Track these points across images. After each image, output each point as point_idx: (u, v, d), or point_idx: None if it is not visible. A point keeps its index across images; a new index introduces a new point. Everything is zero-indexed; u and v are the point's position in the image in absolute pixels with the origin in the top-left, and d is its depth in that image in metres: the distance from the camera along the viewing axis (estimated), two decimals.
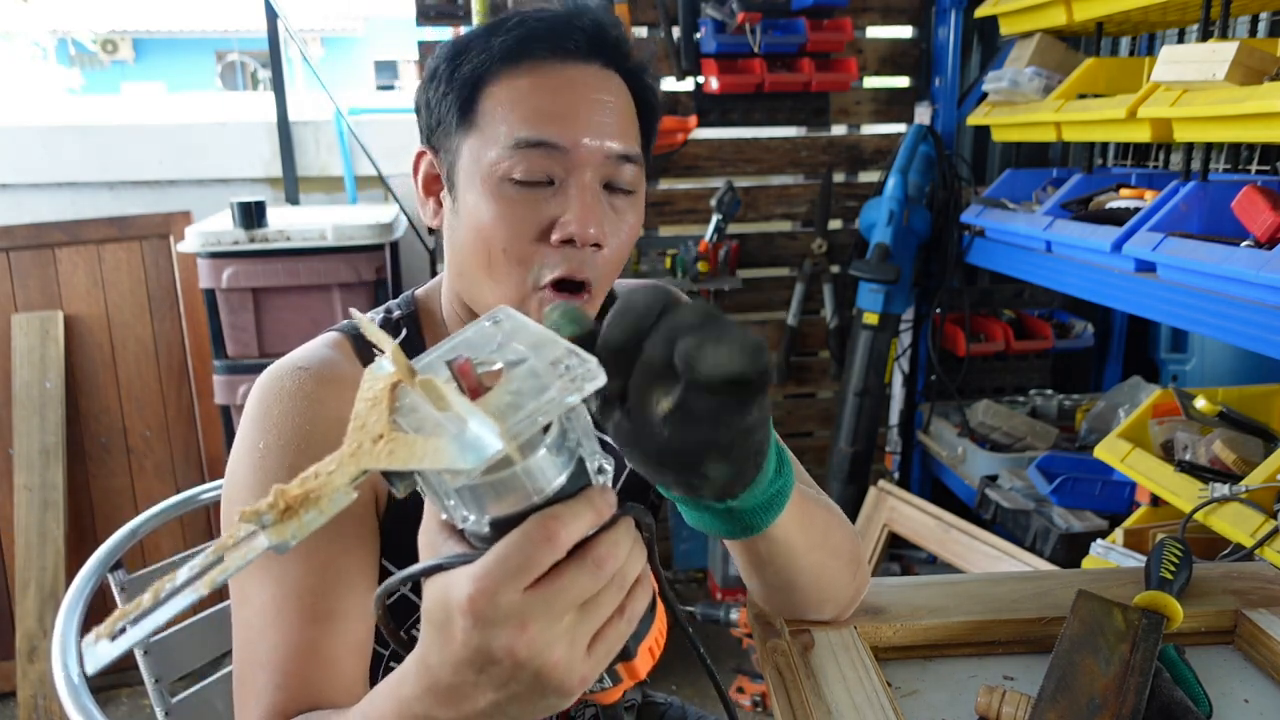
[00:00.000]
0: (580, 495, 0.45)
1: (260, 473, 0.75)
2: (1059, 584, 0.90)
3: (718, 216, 2.30)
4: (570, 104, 0.78)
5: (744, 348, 0.47)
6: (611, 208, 0.80)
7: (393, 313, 0.89)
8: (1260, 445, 1.50)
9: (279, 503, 0.40)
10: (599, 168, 0.78)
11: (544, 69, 0.79)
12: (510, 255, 0.78)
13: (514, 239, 0.77)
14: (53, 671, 0.92)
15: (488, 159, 0.78)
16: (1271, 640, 0.80)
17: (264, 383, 0.80)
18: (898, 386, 2.56)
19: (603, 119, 0.79)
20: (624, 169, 0.80)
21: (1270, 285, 1.27)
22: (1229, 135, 1.44)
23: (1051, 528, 1.84)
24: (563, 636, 0.45)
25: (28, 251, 2.30)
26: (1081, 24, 1.90)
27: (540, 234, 0.77)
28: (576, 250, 0.77)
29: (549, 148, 0.76)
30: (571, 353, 0.44)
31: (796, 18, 2.27)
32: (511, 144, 0.77)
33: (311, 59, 2.51)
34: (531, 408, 0.41)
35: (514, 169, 0.77)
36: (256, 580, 0.72)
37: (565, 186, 0.78)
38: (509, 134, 0.77)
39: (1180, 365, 2.44)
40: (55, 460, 2.26)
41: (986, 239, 2.15)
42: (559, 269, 0.77)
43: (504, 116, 0.78)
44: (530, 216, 0.77)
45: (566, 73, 0.79)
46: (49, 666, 1.35)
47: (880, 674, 0.77)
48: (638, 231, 0.85)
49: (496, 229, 0.77)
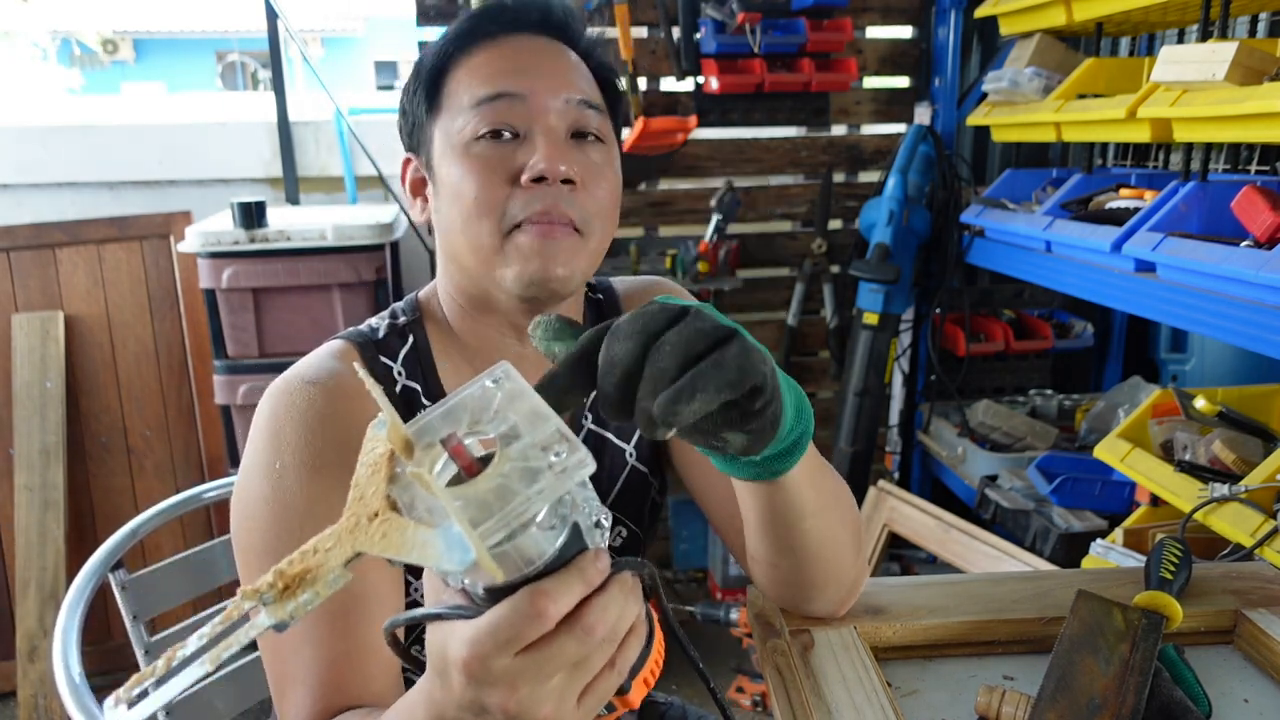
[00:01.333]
0: (571, 565, 0.46)
1: (279, 492, 0.74)
2: (1059, 584, 0.90)
3: (718, 216, 2.30)
4: (525, 61, 0.81)
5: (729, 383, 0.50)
6: (583, 154, 0.82)
7: (399, 318, 0.89)
8: (1260, 445, 1.50)
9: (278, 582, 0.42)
10: (561, 114, 0.80)
11: (497, 42, 0.82)
12: (481, 203, 0.79)
13: (484, 187, 0.79)
14: (53, 671, 0.92)
15: (454, 128, 0.81)
16: (1271, 640, 0.80)
17: (274, 398, 0.79)
18: (898, 386, 2.56)
19: (557, 71, 0.82)
20: (588, 114, 0.82)
21: (1270, 285, 1.27)
22: (1229, 135, 1.44)
23: (1051, 528, 1.84)
24: (552, 694, 0.47)
25: (28, 251, 2.30)
26: (1081, 24, 1.90)
27: (510, 179, 0.79)
28: (550, 187, 0.78)
29: (509, 97, 0.79)
30: (562, 437, 0.45)
31: (796, 18, 2.27)
32: (474, 104, 0.80)
33: (311, 59, 2.51)
34: (517, 502, 0.43)
35: (479, 126, 0.79)
36: None
37: (531, 135, 0.79)
38: (471, 98, 0.80)
39: (1180, 365, 2.44)
40: (55, 460, 2.26)
41: (986, 239, 2.15)
42: (533, 205, 0.78)
43: (465, 88, 0.81)
44: (499, 165, 0.79)
45: (520, 40, 0.83)
46: (49, 666, 1.35)
47: (880, 674, 0.77)
48: (618, 186, 0.85)
49: (466, 183, 0.79)
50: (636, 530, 0.97)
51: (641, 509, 0.98)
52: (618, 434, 0.94)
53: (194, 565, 1.12)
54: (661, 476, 1.00)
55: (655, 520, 1.02)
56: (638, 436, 0.95)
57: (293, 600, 0.42)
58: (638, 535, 0.97)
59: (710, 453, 0.62)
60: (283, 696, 0.73)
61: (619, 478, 0.94)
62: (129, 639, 1.04)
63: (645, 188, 2.44)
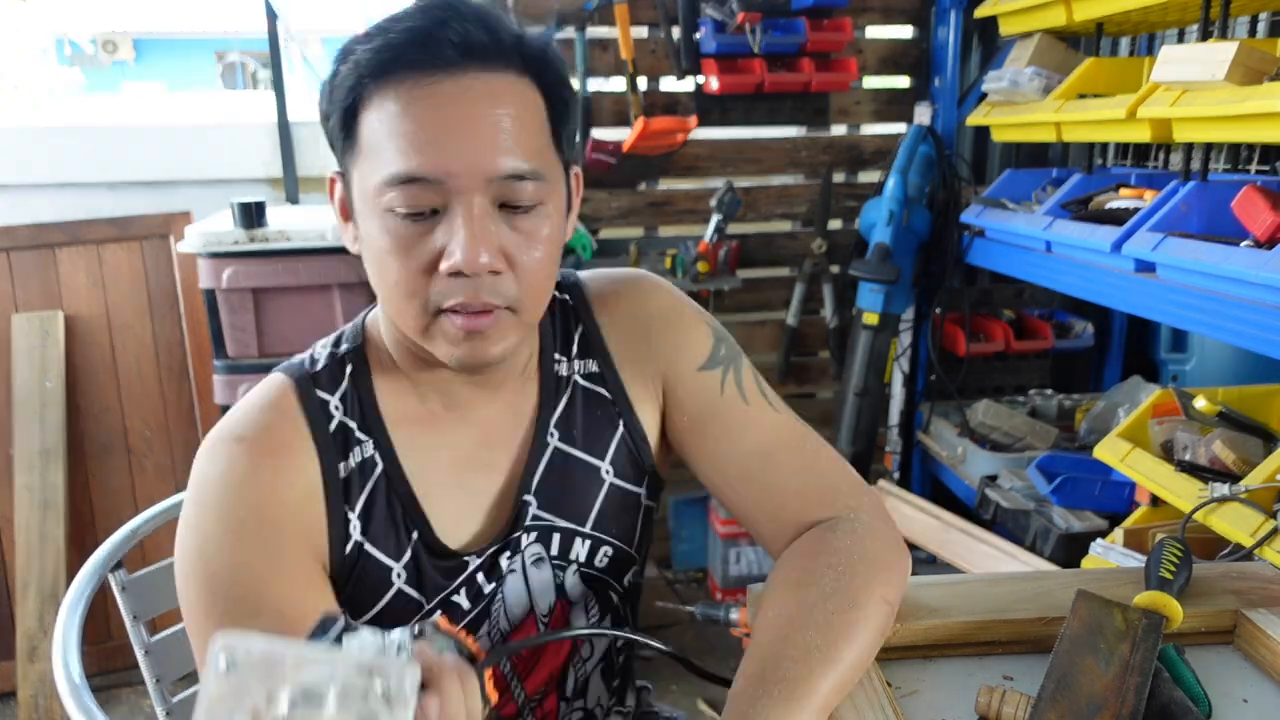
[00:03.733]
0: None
1: (203, 553, 0.76)
2: (1059, 584, 0.90)
3: (718, 216, 2.30)
4: (440, 129, 0.71)
5: None
6: (513, 228, 0.75)
7: (340, 346, 0.87)
8: (1260, 445, 1.50)
9: None
10: (484, 190, 0.73)
11: (411, 86, 0.71)
12: (402, 289, 0.75)
13: (404, 273, 0.74)
14: (53, 671, 0.92)
15: (371, 189, 0.74)
16: (1271, 640, 0.80)
17: (203, 455, 0.80)
18: (898, 386, 2.56)
19: (481, 139, 0.72)
20: (518, 187, 0.73)
21: (1270, 285, 1.27)
22: (1229, 135, 1.44)
23: (1051, 528, 1.84)
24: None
25: (28, 251, 2.30)
26: (1081, 24, 1.90)
27: (429, 265, 0.74)
28: (471, 279, 0.73)
29: (422, 182, 0.71)
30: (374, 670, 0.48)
31: (796, 18, 2.27)
32: (388, 178, 0.72)
33: (311, 59, 2.51)
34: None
35: (395, 203, 0.73)
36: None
37: (451, 215, 0.73)
38: (384, 166, 0.72)
39: (1180, 365, 2.44)
40: (55, 460, 2.26)
41: (986, 239, 2.15)
42: (453, 298, 0.74)
43: (379, 144, 0.73)
44: (418, 249, 0.73)
45: (438, 90, 0.71)
46: (49, 666, 1.35)
47: (880, 674, 0.77)
48: (558, 240, 0.79)
49: (387, 263, 0.75)
50: (625, 547, 0.94)
51: (630, 523, 0.94)
52: (588, 451, 0.90)
53: None
54: (652, 481, 0.96)
55: (649, 529, 0.98)
56: (613, 451, 0.91)
57: None
58: (628, 552, 0.94)
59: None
60: None
61: (597, 497, 0.91)
62: (129, 639, 1.04)
63: (645, 188, 2.44)
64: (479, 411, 0.87)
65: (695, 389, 0.91)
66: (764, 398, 0.92)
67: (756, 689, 0.69)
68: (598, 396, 0.91)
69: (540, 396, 0.90)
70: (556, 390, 0.90)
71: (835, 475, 0.88)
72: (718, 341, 0.93)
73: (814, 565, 0.79)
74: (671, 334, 0.91)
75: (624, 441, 0.92)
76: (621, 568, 0.94)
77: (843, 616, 0.74)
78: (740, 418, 0.90)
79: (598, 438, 0.91)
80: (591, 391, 0.91)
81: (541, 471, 0.89)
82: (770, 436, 0.89)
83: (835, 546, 0.80)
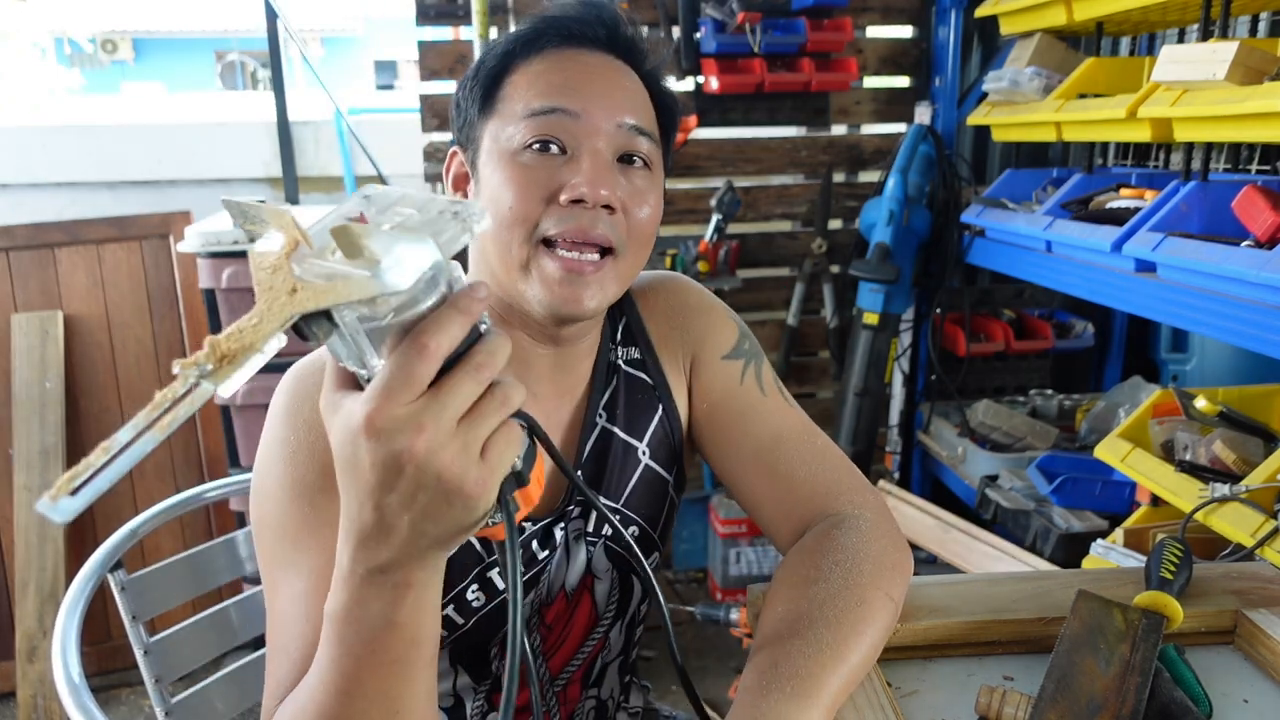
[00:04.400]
0: (445, 305, 0.48)
1: (294, 471, 0.75)
2: (1059, 584, 0.90)
3: (718, 216, 2.30)
4: (583, 78, 0.81)
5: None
6: (627, 178, 0.81)
7: None
8: (1260, 445, 1.50)
9: (214, 351, 0.44)
10: (611, 137, 0.80)
11: (560, 53, 0.82)
12: (516, 213, 0.78)
13: (522, 199, 0.78)
14: (53, 671, 0.92)
15: (504, 135, 0.80)
16: (1271, 640, 0.80)
17: (289, 382, 0.80)
18: (898, 386, 2.56)
19: (614, 93, 0.81)
20: (639, 140, 0.81)
21: (1270, 285, 1.27)
22: (1229, 135, 1.44)
23: (1051, 528, 1.84)
24: (456, 439, 0.49)
25: (28, 251, 2.30)
26: (1081, 24, 1.90)
27: (550, 196, 0.78)
28: (587, 210, 0.77)
29: (561, 113, 0.78)
30: (455, 202, 0.49)
31: (796, 18, 2.27)
32: (526, 114, 0.79)
33: (311, 59, 2.51)
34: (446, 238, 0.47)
35: (528, 136, 0.79)
36: (287, 572, 0.74)
37: (578, 154, 0.79)
38: (525, 108, 0.80)
39: (1180, 365, 2.44)
40: (55, 460, 2.25)
41: (986, 239, 2.15)
42: (567, 223, 0.77)
43: (520, 95, 0.81)
44: (542, 179, 0.78)
45: (581, 57, 0.82)
46: (49, 666, 1.35)
47: (880, 674, 0.77)
48: (658, 214, 0.85)
49: (506, 192, 0.79)
50: (650, 530, 0.96)
51: (657, 508, 0.97)
52: (628, 431, 0.94)
53: (194, 565, 1.12)
54: (680, 474, 0.99)
55: (672, 519, 1.01)
56: (650, 433, 0.95)
57: (234, 367, 0.44)
58: (651, 535, 0.97)
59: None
60: (272, 661, 0.75)
61: (631, 476, 0.94)
62: (128, 639, 1.04)
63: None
64: (544, 387, 0.90)
65: (717, 375, 0.96)
66: (781, 394, 0.97)
67: (767, 683, 0.69)
68: (640, 381, 0.96)
69: (593, 380, 0.94)
70: (608, 375, 0.94)
71: (843, 471, 0.91)
72: (742, 336, 0.98)
73: (822, 562, 0.80)
74: (702, 323, 0.98)
75: (661, 424, 0.96)
76: (646, 550, 0.97)
77: (851, 614, 0.75)
78: (757, 406, 0.94)
79: (638, 419, 0.95)
80: (634, 377, 0.96)
81: (589, 450, 0.92)
82: (783, 427, 0.93)
83: (842, 544, 0.81)
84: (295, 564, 0.74)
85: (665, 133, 0.87)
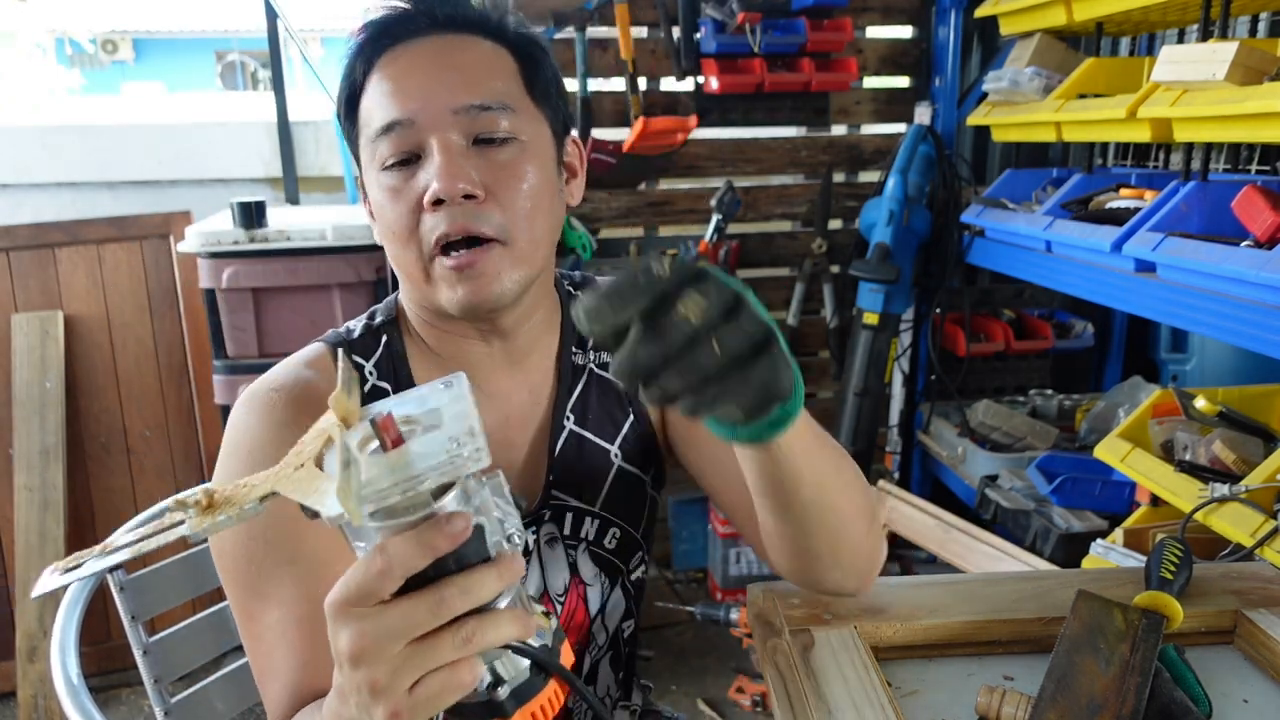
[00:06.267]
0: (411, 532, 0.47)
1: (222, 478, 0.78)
2: (1059, 584, 0.90)
3: (718, 216, 2.30)
4: (409, 79, 0.79)
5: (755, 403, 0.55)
6: (489, 161, 0.79)
7: (375, 319, 0.91)
8: (1260, 445, 1.50)
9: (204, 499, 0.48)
10: (454, 125, 0.78)
11: (392, 56, 0.81)
12: (399, 234, 0.80)
13: (397, 217, 0.79)
14: (52, 671, 0.92)
15: (369, 157, 0.82)
16: (1271, 640, 0.80)
17: (242, 399, 0.83)
18: (898, 386, 2.56)
19: (443, 81, 0.79)
20: (485, 118, 0.79)
21: (1270, 285, 1.26)
22: (1229, 135, 1.44)
23: (1051, 528, 1.84)
24: (395, 659, 0.48)
25: (28, 251, 2.30)
26: (1081, 24, 1.90)
27: (417, 204, 0.78)
28: (453, 206, 0.77)
29: (398, 126, 0.78)
30: (471, 434, 0.48)
31: (796, 18, 2.27)
32: (375, 137, 0.80)
33: (311, 59, 2.51)
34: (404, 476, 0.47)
35: (384, 157, 0.79)
36: (266, 601, 0.75)
37: (429, 154, 0.78)
38: (372, 130, 0.80)
39: (1180, 365, 2.44)
40: (55, 460, 2.26)
41: (986, 239, 2.15)
42: (439, 228, 0.77)
43: (368, 116, 0.81)
44: (406, 192, 0.79)
45: (408, 53, 0.81)
46: (49, 666, 1.35)
47: (880, 674, 0.77)
48: (547, 181, 0.83)
49: (384, 213, 0.80)
50: (632, 531, 0.96)
51: (637, 508, 0.96)
52: (599, 434, 0.93)
53: (193, 566, 1.12)
54: (657, 472, 0.99)
55: (653, 520, 1.01)
56: (622, 436, 0.94)
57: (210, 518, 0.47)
58: (634, 536, 0.96)
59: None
60: (264, 687, 0.76)
61: (605, 479, 0.93)
62: (127, 640, 1.04)
63: (645, 188, 2.44)
64: (502, 391, 0.90)
65: None
66: None
67: None
68: (611, 384, 0.95)
69: (558, 382, 0.93)
70: (573, 377, 0.94)
71: None
72: None
73: None
74: None
75: (633, 428, 0.95)
76: (629, 552, 0.97)
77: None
78: None
79: (609, 422, 0.94)
80: (605, 380, 0.95)
81: (558, 452, 0.92)
82: None
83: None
84: (271, 597, 0.75)
85: (533, 78, 0.83)
